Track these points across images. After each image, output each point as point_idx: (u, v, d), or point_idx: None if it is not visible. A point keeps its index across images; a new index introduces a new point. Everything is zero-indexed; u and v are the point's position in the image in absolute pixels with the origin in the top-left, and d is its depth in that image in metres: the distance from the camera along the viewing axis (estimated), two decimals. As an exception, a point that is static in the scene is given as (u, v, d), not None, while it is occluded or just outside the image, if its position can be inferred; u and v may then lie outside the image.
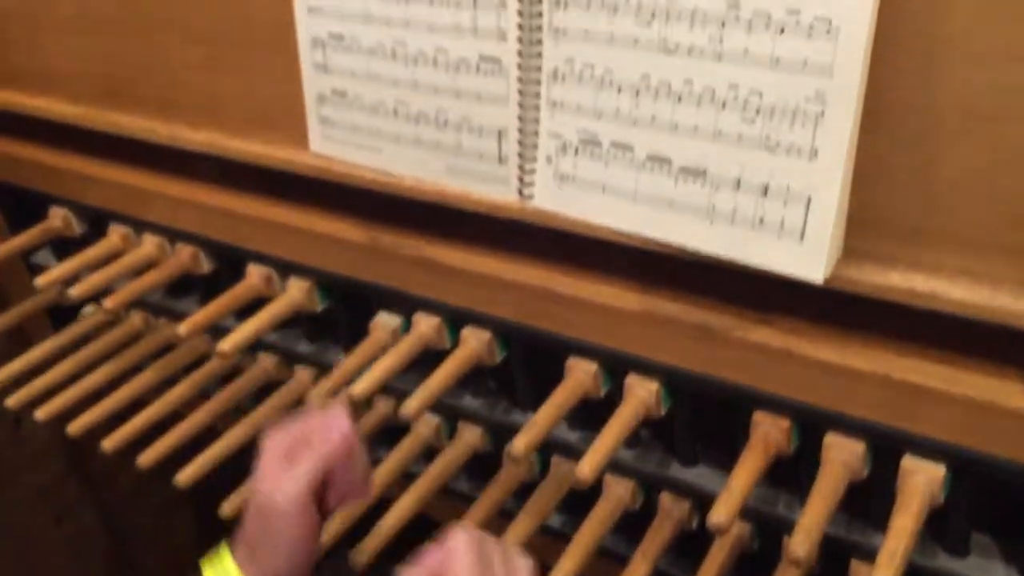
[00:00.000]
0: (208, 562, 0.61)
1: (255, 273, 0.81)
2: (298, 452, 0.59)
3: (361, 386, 0.68)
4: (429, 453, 0.80)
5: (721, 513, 0.55)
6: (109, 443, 0.81)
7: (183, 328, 0.76)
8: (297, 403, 0.86)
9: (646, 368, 0.64)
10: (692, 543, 0.68)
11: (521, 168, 0.63)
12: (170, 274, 0.85)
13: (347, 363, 0.73)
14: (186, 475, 0.79)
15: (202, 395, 0.89)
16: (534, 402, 0.72)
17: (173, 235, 0.86)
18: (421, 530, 0.71)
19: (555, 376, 0.68)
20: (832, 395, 0.57)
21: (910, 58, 0.49)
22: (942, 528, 0.58)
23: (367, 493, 0.64)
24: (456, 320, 0.72)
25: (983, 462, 0.53)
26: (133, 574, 1.24)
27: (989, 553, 0.59)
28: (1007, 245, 0.50)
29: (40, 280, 0.84)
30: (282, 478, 0.58)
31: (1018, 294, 0.50)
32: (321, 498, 0.60)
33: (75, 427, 0.83)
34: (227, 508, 0.77)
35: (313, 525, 0.59)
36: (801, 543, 0.52)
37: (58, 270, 0.85)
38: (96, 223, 0.91)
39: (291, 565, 0.58)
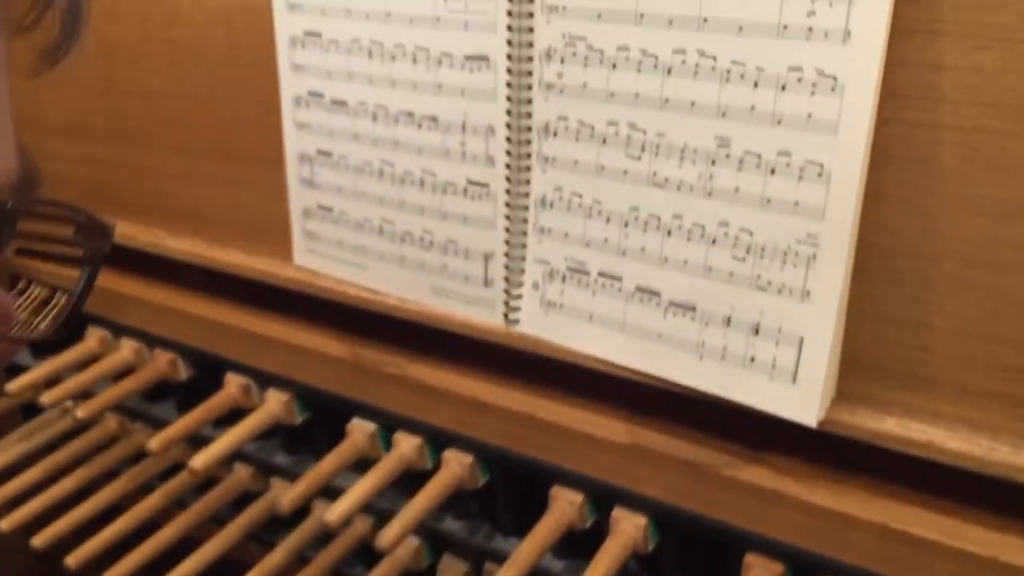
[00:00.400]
0: None
1: (233, 383, 0.79)
2: None
3: (336, 512, 0.66)
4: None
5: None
6: (73, 559, 0.77)
7: (153, 443, 0.74)
8: (272, 515, 0.83)
9: (633, 501, 0.62)
10: None
11: (507, 292, 0.62)
12: (147, 380, 0.83)
13: (321, 466, 0.70)
14: None
15: (177, 504, 0.86)
16: (517, 527, 0.69)
17: (152, 340, 0.84)
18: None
19: (540, 501, 0.66)
20: (827, 541, 0.55)
21: (904, 205, 0.48)
22: None
23: None
24: (438, 441, 0.70)
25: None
26: None
27: None
28: (1006, 396, 0.48)
29: (12, 386, 0.81)
30: None
31: (1018, 447, 0.48)
32: None
33: (41, 539, 0.80)
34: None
35: None
36: None
37: (32, 374, 0.83)
38: (74, 325, 0.89)
39: None
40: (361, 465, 0.72)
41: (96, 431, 0.90)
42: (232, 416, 0.79)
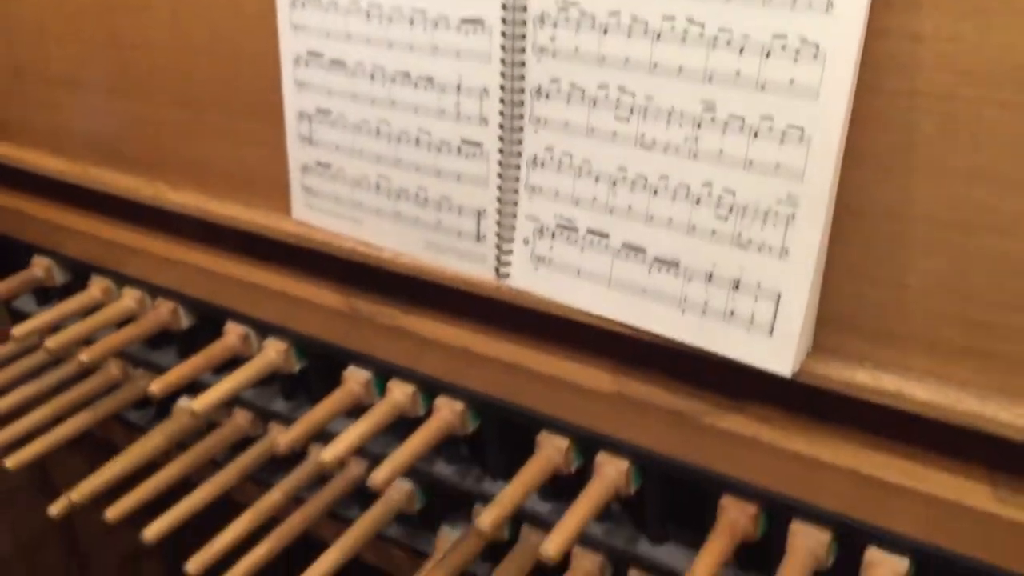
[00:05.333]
0: None
1: (233, 331, 0.81)
2: None
3: (332, 452, 0.68)
4: (399, 518, 0.80)
5: (686, 603, 0.55)
6: (77, 495, 0.80)
7: (154, 386, 0.76)
8: (270, 459, 0.86)
9: (617, 447, 0.65)
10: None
11: (499, 248, 0.64)
12: (149, 329, 0.85)
13: (316, 412, 0.73)
14: (153, 531, 0.78)
15: (178, 447, 0.89)
16: (506, 472, 0.72)
17: (153, 290, 0.86)
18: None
19: (527, 447, 0.69)
20: (800, 485, 0.58)
21: (881, 169, 0.50)
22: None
23: None
24: (430, 389, 0.73)
25: (947, 558, 0.54)
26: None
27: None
28: (973, 350, 0.51)
29: (17, 331, 0.83)
30: None
31: (983, 397, 0.51)
32: None
33: (56, 508, 0.82)
34: (193, 566, 0.76)
35: None
36: (763, 638, 0.53)
37: (36, 320, 0.85)
38: (78, 274, 0.92)
39: None
40: (356, 412, 0.74)
41: (99, 377, 0.93)
42: (231, 364, 0.81)
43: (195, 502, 0.80)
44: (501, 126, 0.61)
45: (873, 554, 0.56)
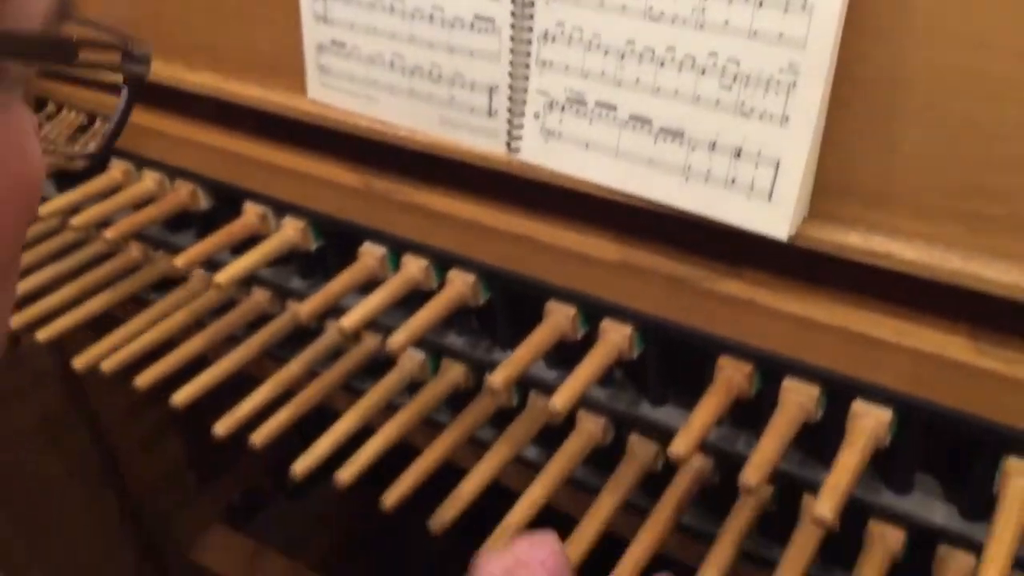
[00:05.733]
0: None
1: (251, 211, 0.84)
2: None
3: (350, 319, 0.72)
4: (413, 386, 0.84)
5: (680, 445, 0.60)
6: (108, 365, 0.84)
7: (179, 260, 0.79)
8: (288, 334, 0.89)
9: (621, 314, 0.68)
10: (658, 481, 0.73)
11: (510, 122, 0.67)
12: (169, 209, 0.88)
13: (333, 285, 0.77)
14: (182, 396, 0.82)
15: (198, 326, 0.92)
16: (515, 342, 0.76)
17: (172, 172, 0.88)
18: (402, 456, 0.76)
19: (536, 318, 0.72)
20: (793, 344, 0.62)
21: (880, 37, 0.52)
22: (887, 468, 0.63)
23: None
24: (443, 262, 0.76)
25: (927, 409, 0.58)
26: (126, 489, 1.29)
27: (930, 492, 0.64)
28: (959, 212, 0.54)
29: (41, 210, 0.86)
30: None
31: (967, 257, 0.55)
32: None
33: (80, 362, 0.86)
34: (220, 428, 0.80)
35: None
36: (753, 473, 0.57)
37: (59, 201, 0.88)
38: (107, 155, 0.94)
39: None
40: (371, 287, 0.78)
41: (120, 259, 0.96)
42: (250, 244, 0.84)
43: (220, 371, 0.84)
44: (513, 1, 0.63)
45: (859, 406, 0.60)
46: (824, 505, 0.56)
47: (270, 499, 1.49)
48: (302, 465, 0.74)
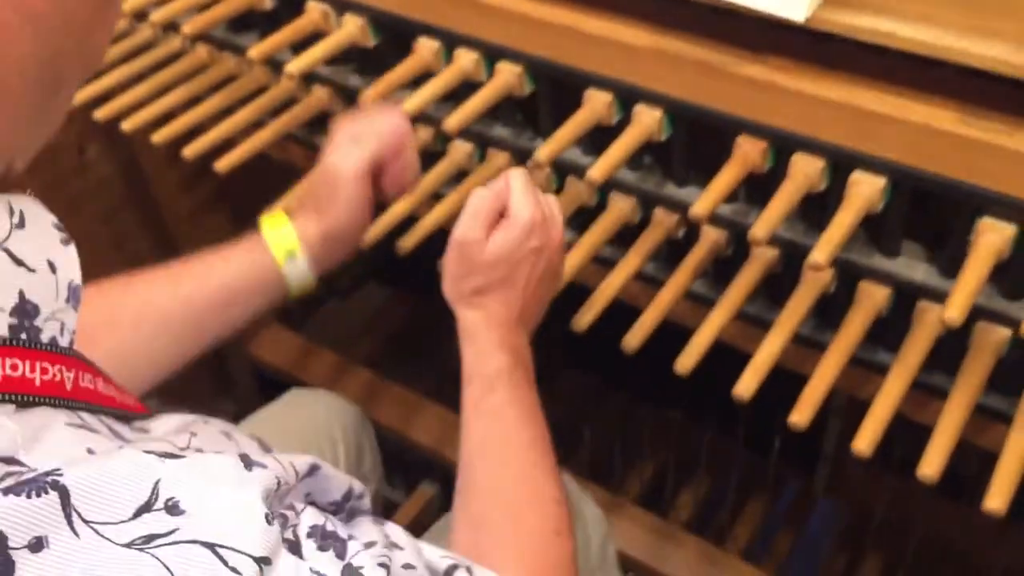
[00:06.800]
0: (266, 217, 0.76)
1: (314, 8, 0.92)
2: (362, 136, 0.73)
3: (410, 103, 0.81)
4: (460, 175, 0.94)
5: (699, 207, 0.69)
6: (158, 137, 0.94)
7: (253, 52, 0.88)
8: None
9: (653, 99, 0.76)
10: (678, 250, 0.83)
11: (559, -84, 0.73)
12: (236, 7, 0.96)
13: (391, 76, 0.85)
14: (223, 163, 0.93)
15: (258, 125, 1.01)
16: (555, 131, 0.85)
17: (238, -28, 0.96)
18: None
19: (575, 109, 0.80)
20: (804, 121, 0.70)
21: None
22: (878, 233, 0.73)
23: (412, 188, 0.80)
24: (492, 55, 0.84)
25: (916, 176, 0.67)
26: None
27: (915, 256, 0.73)
28: (956, -4, 0.62)
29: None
30: (349, 152, 0.72)
31: (960, 36, 0.62)
32: (376, 180, 0.76)
33: (159, 136, 0.96)
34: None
35: (368, 196, 0.76)
36: (761, 227, 0.67)
37: (131, 2, 0.96)
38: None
39: (347, 223, 0.76)
40: (425, 81, 0.86)
41: (188, 59, 1.05)
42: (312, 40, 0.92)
43: (259, 143, 0.95)
44: None
45: (857, 175, 0.69)
46: (819, 253, 0.66)
47: (322, 303, 1.61)
48: (374, 233, 0.85)
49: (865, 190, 0.68)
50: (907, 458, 1.24)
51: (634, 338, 0.75)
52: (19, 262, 0.36)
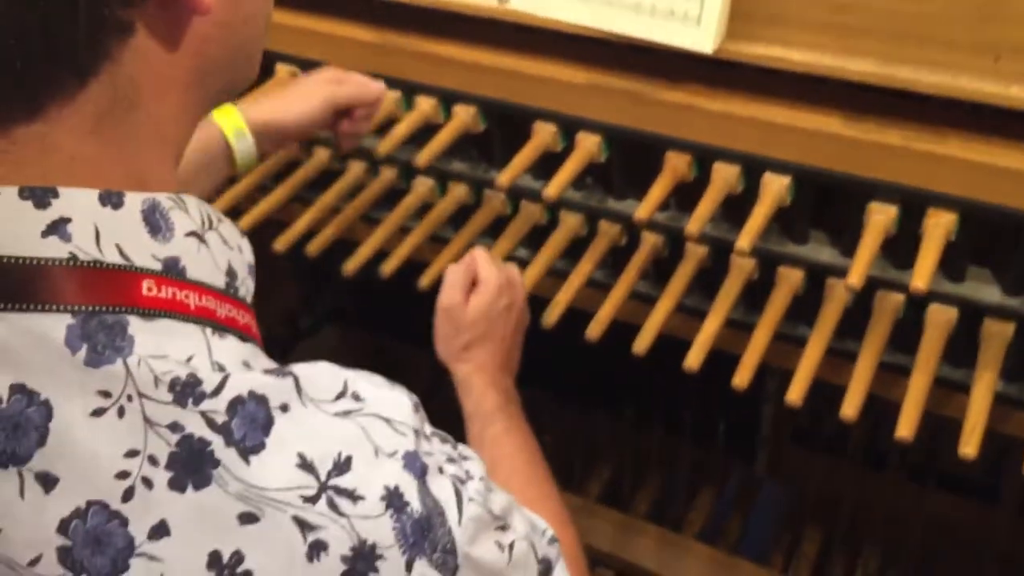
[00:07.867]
0: (215, 110, 0.87)
1: (283, 70, 1.04)
2: (346, 80, 0.91)
3: (383, 146, 0.93)
4: (424, 208, 1.05)
5: (640, 212, 0.82)
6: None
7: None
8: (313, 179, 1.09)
9: (592, 126, 0.90)
10: (621, 255, 0.96)
11: (501, -22, 0.87)
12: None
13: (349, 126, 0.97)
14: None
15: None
16: (508, 162, 0.97)
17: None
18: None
19: (524, 140, 0.93)
20: (720, 134, 0.84)
21: None
22: (789, 224, 0.87)
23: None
24: (449, 99, 0.96)
25: (816, 173, 0.81)
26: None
27: (821, 241, 0.87)
28: (831, 25, 0.77)
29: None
30: (327, 77, 0.91)
31: (836, 56, 0.77)
32: (338, 115, 0.93)
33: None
34: (280, 245, 1.01)
35: (324, 115, 0.91)
36: (693, 226, 0.80)
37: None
38: None
39: (295, 118, 0.91)
40: (387, 127, 0.98)
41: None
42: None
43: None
44: None
45: (767, 176, 0.83)
46: (743, 240, 0.79)
47: (286, 352, 1.70)
48: (351, 265, 0.96)
49: (775, 188, 0.82)
50: (835, 439, 1.39)
51: (594, 329, 0.88)
52: (225, 242, 0.52)
